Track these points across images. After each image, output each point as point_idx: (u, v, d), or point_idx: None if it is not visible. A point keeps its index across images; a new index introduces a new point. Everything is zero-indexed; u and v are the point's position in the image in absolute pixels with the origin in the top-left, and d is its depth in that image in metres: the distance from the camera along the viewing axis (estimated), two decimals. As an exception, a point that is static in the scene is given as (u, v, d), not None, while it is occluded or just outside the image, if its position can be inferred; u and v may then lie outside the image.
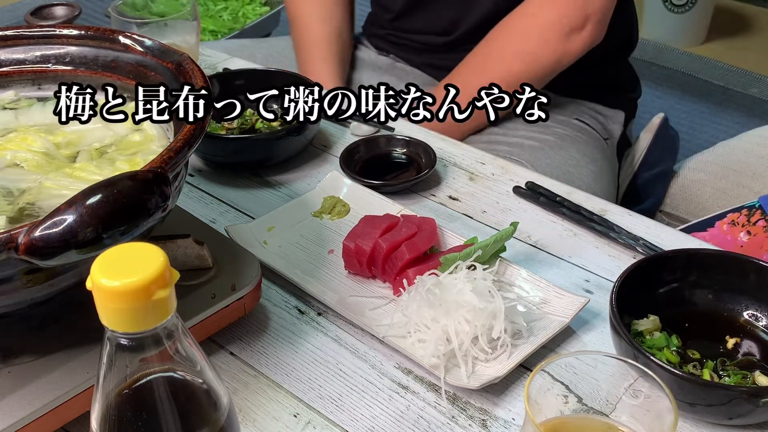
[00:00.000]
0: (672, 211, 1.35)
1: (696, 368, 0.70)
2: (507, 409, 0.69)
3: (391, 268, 0.79)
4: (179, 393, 0.46)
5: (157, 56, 0.74)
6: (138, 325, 0.42)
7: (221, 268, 0.75)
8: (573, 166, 1.19)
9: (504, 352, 0.72)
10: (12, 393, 0.62)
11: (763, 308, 0.74)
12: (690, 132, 2.39)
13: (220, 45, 1.49)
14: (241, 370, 0.73)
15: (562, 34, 1.15)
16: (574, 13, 1.13)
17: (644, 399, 0.51)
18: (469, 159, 1.03)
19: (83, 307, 0.49)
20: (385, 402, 0.70)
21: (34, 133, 0.74)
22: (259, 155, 1.00)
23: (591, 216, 0.91)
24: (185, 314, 0.60)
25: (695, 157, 1.38)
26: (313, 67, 1.33)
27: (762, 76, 2.68)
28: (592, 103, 1.33)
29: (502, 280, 0.79)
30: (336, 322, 0.78)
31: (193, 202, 0.96)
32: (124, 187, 0.53)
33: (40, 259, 0.52)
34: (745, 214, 1.14)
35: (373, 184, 0.94)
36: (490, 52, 1.20)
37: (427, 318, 0.72)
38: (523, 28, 1.17)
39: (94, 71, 0.77)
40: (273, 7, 2.79)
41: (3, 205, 0.66)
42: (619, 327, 0.67)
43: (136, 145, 0.73)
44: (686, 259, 0.75)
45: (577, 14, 1.13)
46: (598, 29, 1.16)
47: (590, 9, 1.14)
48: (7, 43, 0.78)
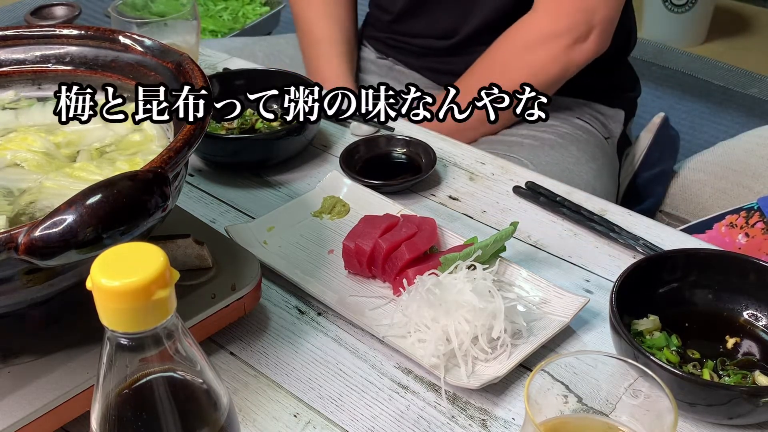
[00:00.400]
0: (672, 211, 1.35)
1: (696, 368, 0.70)
2: (507, 409, 0.69)
3: (391, 268, 0.79)
4: (179, 393, 0.46)
5: (157, 56, 0.74)
6: (138, 325, 0.42)
7: (221, 268, 0.74)
8: (573, 164, 1.19)
9: (504, 352, 0.72)
10: (12, 393, 0.62)
11: (763, 308, 0.74)
12: (690, 132, 2.39)
13: (220, 44, 1.49)
14: (241, 370, 0.73)
15: (567, 46, 1.15)
16: (578, 25, 1.13)
17: (644, 399, 0.51)
18: (469, 159, 1.03)
19: (83, 307, 0.49)
20: (385, 402, 0.70)
21: (34, 133, 0.74)
22: (259, 155, 1.00)
23: (591, 216, 0.91)
24: (185, 314, 0.60)
25: (695, 157, 1.38)
26: (322, 67, 1.33)
27: (762, 76, 2.68)
28: (592, 103, 1.33)
29: (502, 280, 0.79)
30: (336, 322, 0.78)
31: (193, 202, 0.96)
32: (124, 187, 0.53)
33: (40, 259, 0.52)
34: (743, 216, 1.14)
35: (373, 184, 0.94)
36: (494, 64, 1.20)
37: (427, 318, 0.72)
38: (527, 40, 1.17)
39: (94, 71, 0.77)
40: (273, 7, 2.79)
41: (3, 205, 0.66)
42: (619, 327, 0.67)
43: (136, 145, 0.74)
44: (686, 259, 0.75)
45: (582, 25, 1.13)
46: (603, 39, 1.16)
47: (595, 20, 1.13)
48: (7, 43, 0.78)
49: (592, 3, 1.12)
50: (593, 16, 1.13)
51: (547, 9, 1.15)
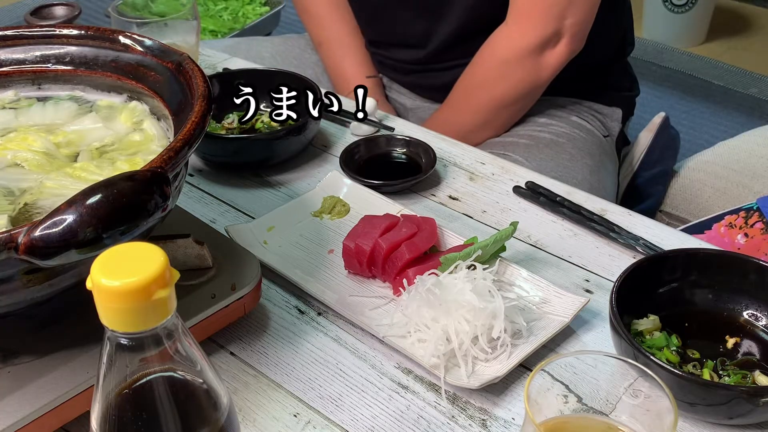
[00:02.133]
0: (672, 211, 1.36)
1: (696, 368, 0.70)
2: (507, 408, 0.69)
3: (391, 268, 0.79)
4: (179, 393, 0.46)
5: (157, 56, 0.74)
6: (138, 325, 0.42)
7: (221, 268, 0.74)
8: (569, 160, 1.19)
9: (504, 351, 0.72)
10: (12, 393, 0.62)
11: (763, 308, 0.74)
12: (690, 132, 2.39)
13: (220, 44, 1.49)
14: (241, 370, 0.73)
15: (539, 54, 1.16)
16: (547, 32, 1.15)
17: (644, 399, 0.51)
18: (469, 159, 1.03)
19: (83, 307, 0.49)
20: (385, 402, 0.70)
21: (35, 132, 0.74)
22: (259, 155, 1.00)
23: (591, 216, 0.91)
24: (185, 314, 0.60)
25: (695, 157, 1.38)
26: (340, 65, 1.36)
27: (762, 76, 2.68)
28: (589, 102, 1.33)
29: (502, 280, 0.79)
30: (336, 322, 0.78)
31: (193, 202, 0.96)
32: (123, 187, 0.53)
33: (40, 259, 0.52)
34: (742, 216, 1.14)
35: (373, 184, 0.94)
36: (475, 81, 1.23)
37: (427, 318, 0.72)
38: (502, 55, 1.19)
39: (94, 71, 0.77)
40: (273, 7, 2.79)
41: (4, 204, 0.66)
42: (619, 327, 0.67)
43: (136, 145, 0.73)
44: (686, 259, 0.75)
45: (552, 32, 1.15)
46: (575, 42, 1.17)
47: (565, 26, 1.15)
48: (7, 43, 0.78)
49: (562, 10, 1.14)
50: (563, 23, 1.15)
51: (518, 21, 1.17)
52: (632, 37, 1.39)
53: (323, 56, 1.41)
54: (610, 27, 1.29)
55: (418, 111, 1.38)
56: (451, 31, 1.26)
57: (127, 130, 0.75)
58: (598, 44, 1.24)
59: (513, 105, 1.22)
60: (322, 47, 1.40)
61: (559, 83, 1.24)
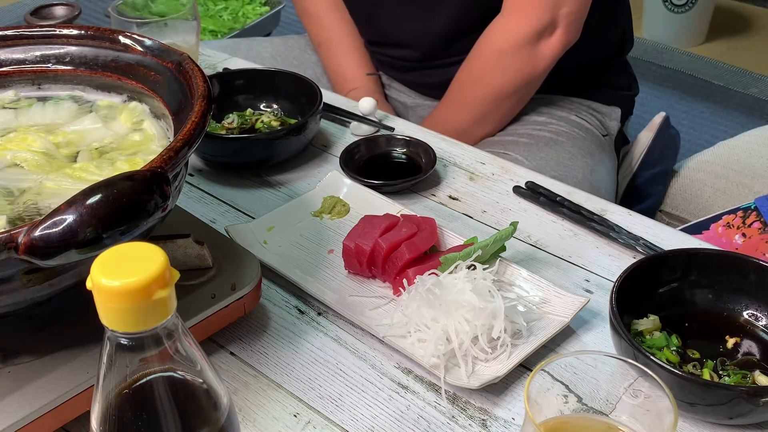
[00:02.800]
0: (672, 210, 1.35)
1: (696, 368, 0.70)
2: (507, 408, 0.69)
3: (391, 268, 0.79)
4: (179, 393, 0.46)
5: (157, 56, 0.74)
6: (138, 325, 0.42)
7: (221, 268, 0.74)
8: (569, 159, 1.19)
9: (504, 351, 0.72)
10: (12, 393, 0.62)
11: (763, 308, 0.74)
12: (690, 132, 2.39)
13: (220, 44, 1.49)
14: (241, 370, 0.73)
15: (535, 44, 1.16)
16: (543, 22, 1.15)
17: (644, 399, 0.51)
18: (469, 159, 1.03)
19: (83, 307, 0.49)
20: (385, 402, 0.70)
21: (34, 133, 0.74)
22: (259, 155, 1.00)
23: (591, 216, 0.91)
24: (185, 314, 0.60)
25: (695, 157, 1.38)
26: (339, 65, 1.36)
27: (762, 76, 2.68)
28: (588, 101, 1.33)
29: (502, 280, 0.79)
30: (336, 322, 0.78)
31: (193, 202, 0.96)
32: (123, 187, 0.53)
33: (40, 259, 0.52)
34: (740, 216, 1.14)
35: (373, 184, 0.94)
36: (472, 72, 1.22)
37: (427, 318, 0.72)
38: (499, 46, 1.19)
39: (94, 71, 0.77)
40: (273, 7, 2.79)
41: (3, 204, 0.66)
42: (619, 327, 0.67)
43: (136, 145, 0.73)
44: (686, 259, 0.75)
45: (547, 22, 1.15)
46: (570, 32, 1.17)
47: (560, 15, 1.15)
48: (7, 43, 0.78)
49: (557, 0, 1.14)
50: (558, 12, 1.15)
51: (513, 11, 1.17)
52: (631, 35, 1.39)
53: (323, 56, 1.41)
54: (609, 24, 1.30)
55: (418, 109, 1.38)
56: (445, 27, 1.26)
57: (127, 130, 0.75)
58: (596, 41, 1.24)
59: (510, 97, 1.22)
60: (321, 47, 1.41)
61: (559, 81, 1.24)
